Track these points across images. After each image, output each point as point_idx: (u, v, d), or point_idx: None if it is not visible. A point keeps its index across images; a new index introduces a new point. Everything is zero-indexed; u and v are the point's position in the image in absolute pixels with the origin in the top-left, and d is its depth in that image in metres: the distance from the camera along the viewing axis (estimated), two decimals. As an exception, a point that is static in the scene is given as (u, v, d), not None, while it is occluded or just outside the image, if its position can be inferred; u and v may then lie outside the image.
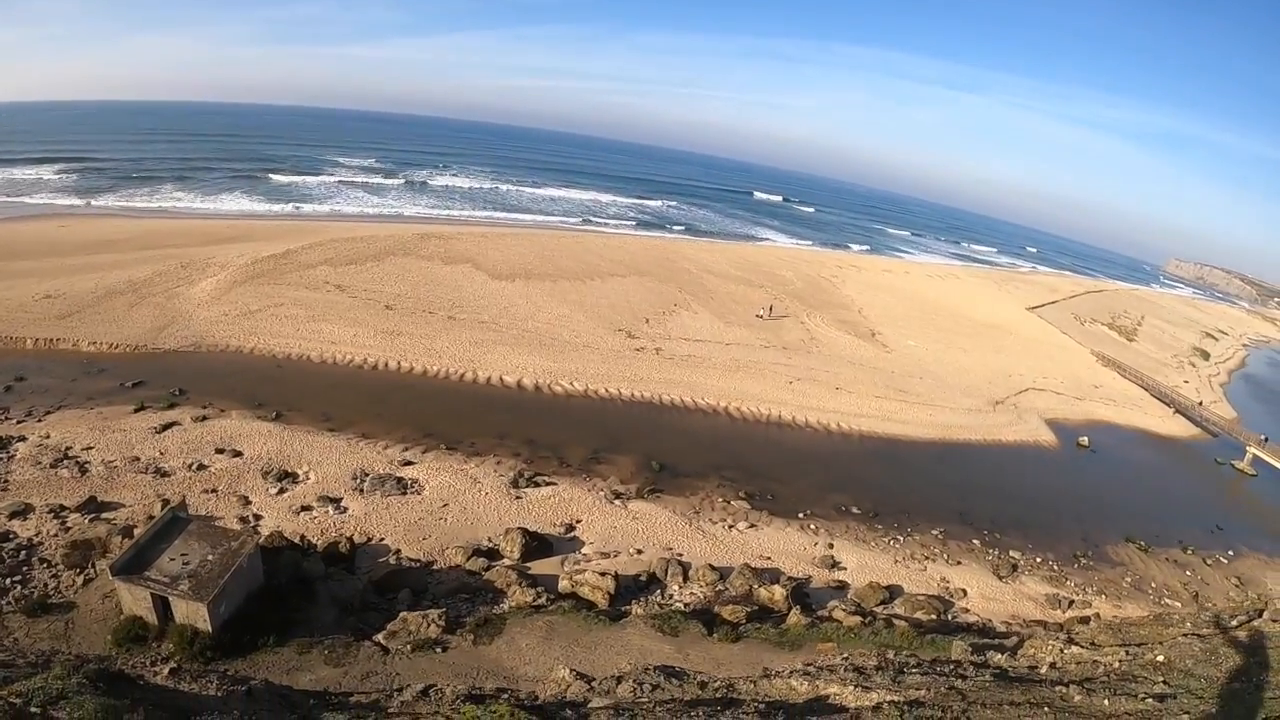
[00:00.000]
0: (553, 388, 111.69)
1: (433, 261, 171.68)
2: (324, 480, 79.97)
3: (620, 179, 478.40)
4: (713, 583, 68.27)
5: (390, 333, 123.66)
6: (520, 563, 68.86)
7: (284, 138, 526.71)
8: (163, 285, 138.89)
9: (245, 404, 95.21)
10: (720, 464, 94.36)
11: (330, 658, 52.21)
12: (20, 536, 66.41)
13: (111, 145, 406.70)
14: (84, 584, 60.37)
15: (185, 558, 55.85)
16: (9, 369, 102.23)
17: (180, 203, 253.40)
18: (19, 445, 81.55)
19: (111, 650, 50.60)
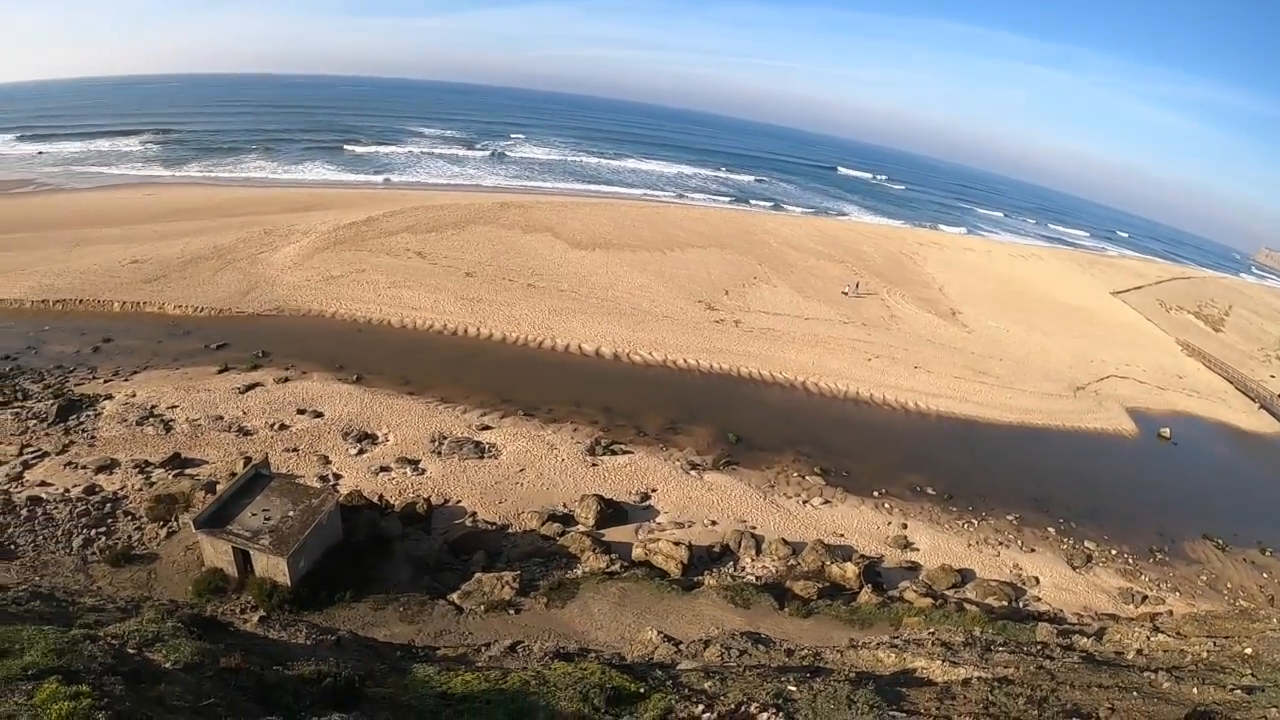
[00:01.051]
0: (631, 357, 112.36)
1: (513, 230, 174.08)
2: (403, 442, 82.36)
3: (700, 151, 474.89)
4: (785, 557, 68.69)
5: (470, 299, 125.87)
6: (595, 529, 70.21)
7: (364, 109, 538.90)
8: (246, 251, 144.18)
9: (326, 366, 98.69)
10: (796, 439, 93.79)
11: (405, 615, 54.08)
12: (106, 490, 70.36)
13: (195, 117, 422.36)
14: (167, 536, 63.82)
15: (267, 513, 58.37)
16: (97, 330, 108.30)
17: (263, 172, 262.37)
18: (106, 403, 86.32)
19: (193, 599, 53.16)
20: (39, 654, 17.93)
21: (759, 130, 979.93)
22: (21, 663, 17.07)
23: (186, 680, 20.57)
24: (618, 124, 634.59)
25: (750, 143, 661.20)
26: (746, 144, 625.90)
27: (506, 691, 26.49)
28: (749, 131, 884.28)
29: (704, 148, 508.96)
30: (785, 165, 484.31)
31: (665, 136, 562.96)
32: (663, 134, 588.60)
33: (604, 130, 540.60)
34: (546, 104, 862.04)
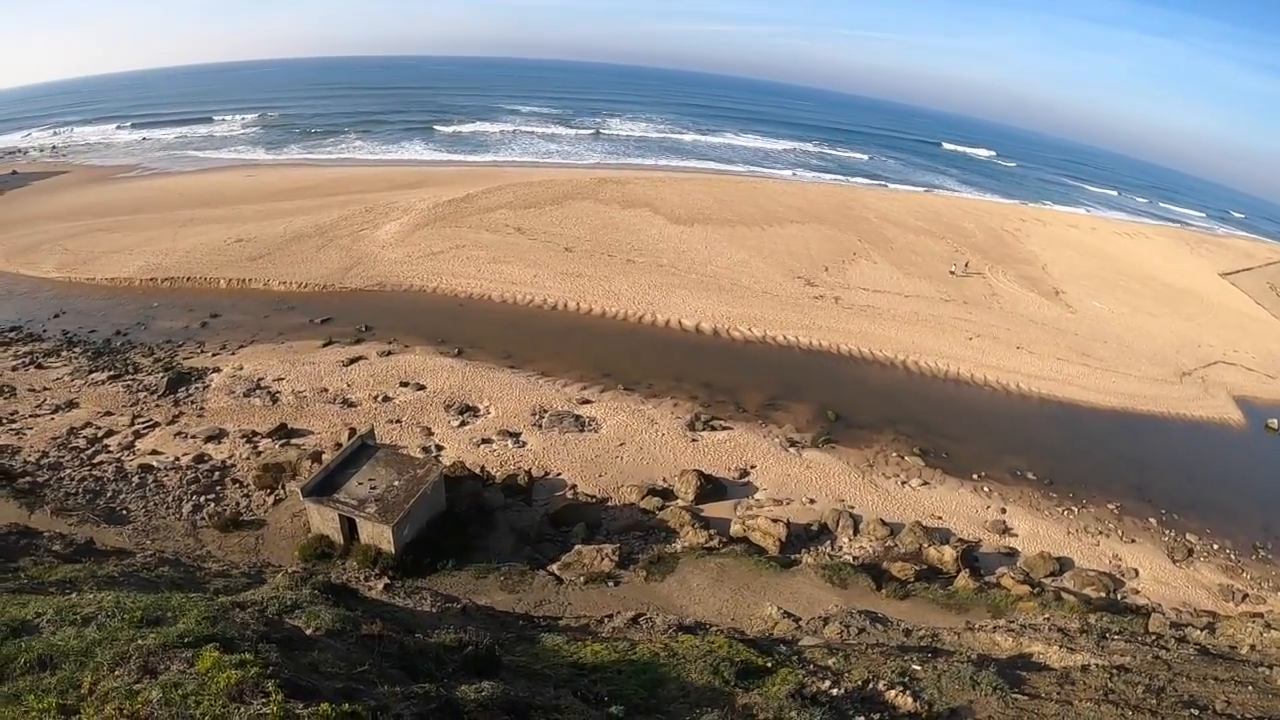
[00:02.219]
0: (731, 332, 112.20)
1: (611, 206, 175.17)
2: (504, 415, 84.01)
3: (797, 125, 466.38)
4: (883, 538, 68.08)
5: (570, 274, 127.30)
6: (694, 504, 70.64)
7: (459, 88, 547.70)
8: (348, 229, 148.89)
9: (428, 340, 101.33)
10: (896, 418, 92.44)
11: (506, 584, 55.66)
12: (215, 459, 74.09)
13: (293, 101, 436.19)
14: (274, 503, 66.96)
15: (373, 483, 60.36)
16: (204, 307, 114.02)
17: (361, 152, 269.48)
18: (214, 376, 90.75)
19: (298, 564, 55.05)
20: (193, 621, 18.47)
21: (856, 103, 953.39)
22: (176, 630, 17.57)
23: (335, 647, 21.16)
24: (712, 99, 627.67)
25: (848, 116, 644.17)
26: (844, 118, 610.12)
27: (637, 662, 27.19)
28: (846, 105, 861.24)
29: (801, 122, 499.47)
30: (885, 139, 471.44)
31: (761, 111, 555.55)
32: (759, 108, 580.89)
33: (699, 105, 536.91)
34: (640, 79, 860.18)
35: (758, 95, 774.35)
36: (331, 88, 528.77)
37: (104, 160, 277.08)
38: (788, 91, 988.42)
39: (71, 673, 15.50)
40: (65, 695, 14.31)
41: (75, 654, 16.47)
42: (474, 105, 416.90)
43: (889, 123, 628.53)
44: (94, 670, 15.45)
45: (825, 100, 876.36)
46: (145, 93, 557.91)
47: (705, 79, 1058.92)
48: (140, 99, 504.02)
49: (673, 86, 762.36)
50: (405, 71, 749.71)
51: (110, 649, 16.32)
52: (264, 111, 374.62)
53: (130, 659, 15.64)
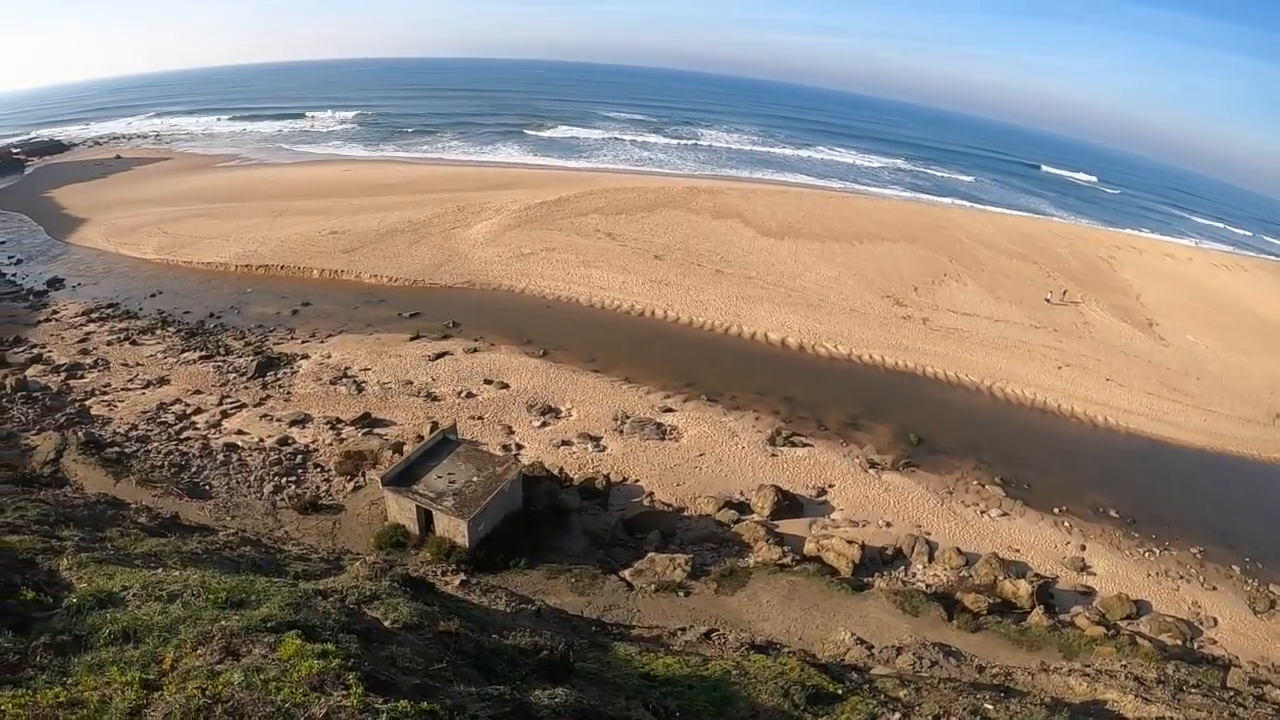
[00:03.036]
0: (816, 348, 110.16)
1: (702, 215, 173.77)
2: (586, 418, 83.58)
3: (890, 141, 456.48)
4: (958, 567, 65.88)
5: (658, 282, 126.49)
6: (769, 520, 69.35)
7: (554, 92, 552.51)
8: (440, 226, 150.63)
9: (514, 340, 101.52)
10: (978, 444, 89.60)
11: (577, 586, 55.37)
12: (298, 442, 75.60)
13: (391, 100, 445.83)
14: (353, 490, 67.75)
15: (452, 477, 60.45)
16: (297, 295, 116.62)
17: (455, 152, 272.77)
18: (302, 362, 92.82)
19: (373, 552, 55.35)
20: (276, 606, 18.52)
21: (951, 119, 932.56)
22: (260, 614, 17.63)
23: (413, 642, 21.06)
24: (806, 111, 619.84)
25: (943, 133, 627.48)
26: (939, 135, 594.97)
27: (708, 679, 26.67)
28: (941, 121, 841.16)
29: (895, 138, 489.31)
30: (981, 159, 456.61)
31: (855, 125, 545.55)
32: (853, 122, 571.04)
33: (793, 118, 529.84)
34: (734, 89, 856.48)
35: (852, 109, 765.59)
36: (427, 88, 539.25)
37: (205, 149, 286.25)
38: (882, 106, 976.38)
39: (154, 648, 15.53)
40: (147, 670, 14.29)
41: (159, 629, 16.53)
42: (567, 110, 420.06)
43: (985, 141, 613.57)
44: (177, 647, 15.44)
45: (920, 116, 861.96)
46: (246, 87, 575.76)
47: (800, 91, 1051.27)
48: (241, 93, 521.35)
49: (767, 97, 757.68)
50: (500, 74, 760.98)
51: (194, 628, 16.38)
52: (361, 109, 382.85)
53: (213, 639, 15.66)
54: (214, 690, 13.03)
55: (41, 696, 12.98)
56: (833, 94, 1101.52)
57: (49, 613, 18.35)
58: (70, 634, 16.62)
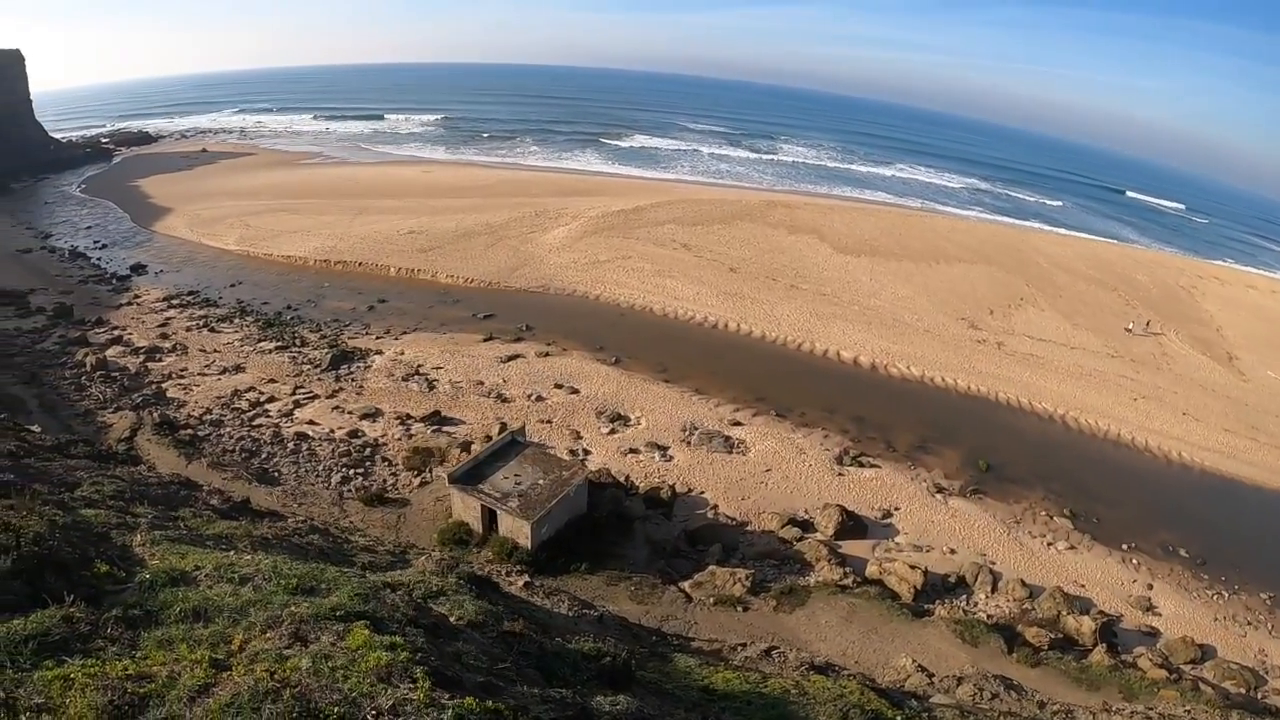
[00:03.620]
0: (888, 369, 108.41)
1: (778, 230, 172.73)
2: (654, 427, 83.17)
3: (969, 160, 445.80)
4: (1021, 599, 64.06)
5: (732, 295, 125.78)
6: (832, 539, 68.20)
7: (631, 102, 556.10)
8: (517, 230, 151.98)
9: (587, 346, 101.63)
10: (1048, 474, 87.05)
11: (635, 594, 55.09)
12: (368, 436, 76.65)
13: (472, 104, 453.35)
14: (419, 485, 68.43)
15: (518, 478, 60.55)
16: (374, 292, 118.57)
17: (534, 158, 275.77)
18: (376, 358, 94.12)
19: (436, 547, 55.69)
20: (346, 596, 18.47)
21: (1031, 139, 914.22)
22: (330, 603, 17.59)
23: (478, 640, 20.86)
24: (885, 128, 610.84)
25: (1023, 154, 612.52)
26: (1019, 155, 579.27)
27: (767, 696, 26.31)
28: (1022, 141, 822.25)
29: (973, 157, 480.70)
30: (1062, 181, 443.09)
31: (932, 143, 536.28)
32: (930, 140, 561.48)
33: (869, 133, 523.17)
34: (811, 103, 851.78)
35: (931, 126, 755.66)
36: (507, 94, 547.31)
37: (288, 146, 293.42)
38: (961, 124, 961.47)
39: (223, 628, 15.53)
40: (216, 649, 14.25)
41: (229, 611, 16.52)
42: (646, 120, 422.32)
43: (1067, 163, 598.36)
44: (246, 629, 15.43)
45: (1000, 135, 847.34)
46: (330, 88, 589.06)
47: (879, 106, 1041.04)
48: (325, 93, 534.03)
49: (845, 112, 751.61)
50: (581, 82, 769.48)
51: (264, 611, 16.37)
52: (442, 113, 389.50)
53: (282, 624, 15.56)
54: (282, 674, 12.89)
55: (110, 668, 12.92)
56: (912, 110, 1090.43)
57: (121, 587, 18.33)
58: (141, 609, 16.64)
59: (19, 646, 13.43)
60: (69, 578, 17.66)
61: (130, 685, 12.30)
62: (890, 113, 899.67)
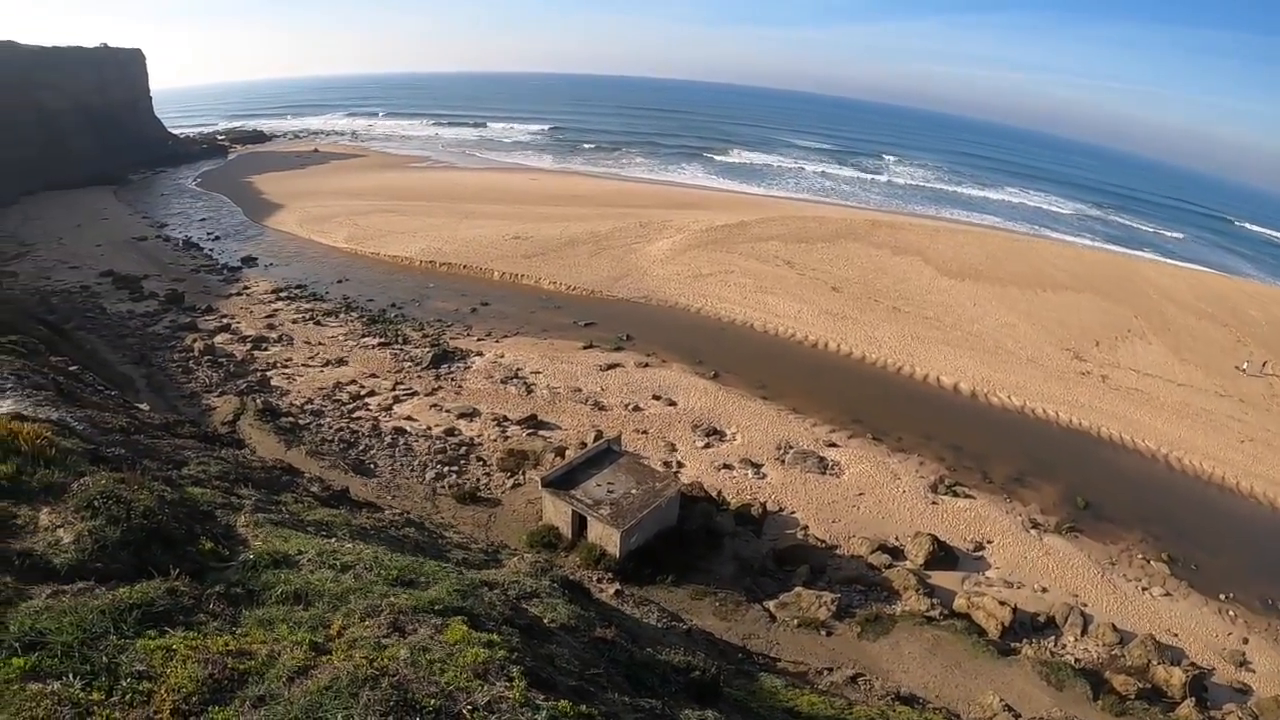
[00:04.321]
0: (989, 397, 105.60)
1: (882, 250, 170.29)
2: (749, 444, 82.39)
3: (1077, 184, 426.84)
4: (1110, 644, 61.54)
5: (833, 314, 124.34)
6: (922, 569, 66.64)
7: (737, 116, 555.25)
8: (621, 240, 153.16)
9: (686, 359, 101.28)
10: (1147, 516, 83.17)
11: (719, 610, 54.56)
12: (464, 435, 77.84)
13: (580, 115, 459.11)
14: (512, 487, 69.13)
15: (611, 486, 60.70)
16: (476, 294, 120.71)
17: (640, 170, 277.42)
18: (476, 359, 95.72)
19: (525, 549, 55.97)
20: (445, 591, 18.57)
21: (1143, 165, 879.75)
22: (429, 596, 17.80)
23: (570, 644, 20.90)
24: (990, 148, 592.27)
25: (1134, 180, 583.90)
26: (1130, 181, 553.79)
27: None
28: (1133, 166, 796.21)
29: (1082, 181, 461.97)
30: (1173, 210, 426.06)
31: (1041, 166, 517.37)
32: (1039, 163, 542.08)
33: (977, 154, 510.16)
34: (918, 122, 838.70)
35: (1040, 149, 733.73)
36: (615, 106, 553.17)
37: (398, 150, 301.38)
38: (1072, 147, 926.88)
39: (322, 613, 15.83)
40: (315, 633, 14.55)
41: (329, 597, 16.83)
42: (752, 135, 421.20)
43: (1179, 191, 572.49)
44: (345, 616, 15.60)
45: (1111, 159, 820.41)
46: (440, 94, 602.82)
47: (987, 127, 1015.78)
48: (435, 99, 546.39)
49: (953, 132, 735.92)
50: (688, 96, 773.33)
51: (364, 600, 16.51)
52: (550, 122, 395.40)
53: (382, 614, 15.65)
54: (381, 663, 12.97)
55: (211, 642, 13.12)
56: (1021, 132, 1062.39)
57: (224, 565, 18.70)
58: (243, 588, 17.04)
59: (123, 615, 13.72)
60: (175, 552, 18.05)
61: (230, 660, 12.47)
62: (1000, 134, 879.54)
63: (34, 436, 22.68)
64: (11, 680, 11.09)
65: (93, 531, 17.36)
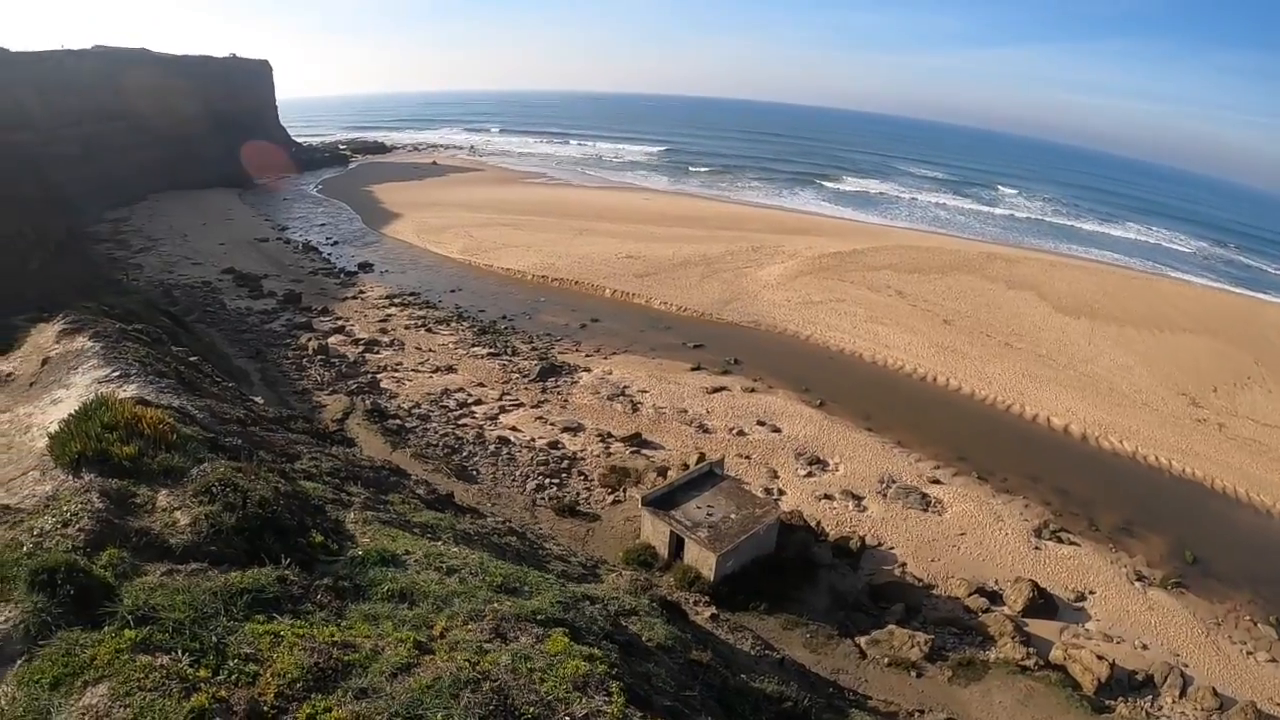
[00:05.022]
0: (1100, 441, 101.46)
1: (996, 284, 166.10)
2: (851, 476, 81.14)
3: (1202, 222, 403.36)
4: (1210, 710, 58.41)
5: (944, 348, 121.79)
6: (1019, 615, 64.31)
7: (852, 143, 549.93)
8: (732, 264, 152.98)
9: (792, 386, 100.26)
10: (1258, 576, 78.27)
11: (810, 643, 53.58)
12: (568, 449, 78.46)
13: (695, 137, 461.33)
14: (611, 503, 69.45)
15: (710, 509, 60.38)
16: (586, 310, 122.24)
17: (754, 194, 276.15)
18: (583, 375, 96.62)
19: (621, 565, 56.01)
20: (547, 602, 18.85)
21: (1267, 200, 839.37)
22: (531, 605, 18.03)
23: (667, 664, 21.23)
24: (1110, 181, 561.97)
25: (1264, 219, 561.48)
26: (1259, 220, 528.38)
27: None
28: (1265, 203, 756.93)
29: (1208, 219, 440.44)
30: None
31: (1165, 202, 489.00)
32: (1161, 198, 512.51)
33: (1096, 188, 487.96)
34: (1036, 152, 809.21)
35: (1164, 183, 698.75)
36: (729, 129, 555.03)
37: (514, 165, 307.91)
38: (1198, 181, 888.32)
39: (426, 613, 16.31)
40: (418, 632, 14.96)
41: (434, 598, 17.37)
42: (865, 162, 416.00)
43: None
44: (448, 618, 16.14)
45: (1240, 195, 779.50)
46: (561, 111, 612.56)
47: (1107, 159, 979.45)
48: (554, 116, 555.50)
49: (1072, 163, 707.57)
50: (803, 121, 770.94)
51: (467, 603, 17.12)
52: (667, 144, 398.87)
53: (484, 619, 16.27)
54: (483, 667, 13.35)
55: (318, 632, 13.69)
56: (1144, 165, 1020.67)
57: (333, 558, 19.45)
58: (350, 582, 17.63)
59: (234, 598, 14.52)
60: (286, 542, 19.03)
61: (336, 651, 13.01)
62: (1122, 166, 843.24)
63: (156, 421, 23.83)
64: (123, 650, 12.01)
65: (209, 516, 18.42)
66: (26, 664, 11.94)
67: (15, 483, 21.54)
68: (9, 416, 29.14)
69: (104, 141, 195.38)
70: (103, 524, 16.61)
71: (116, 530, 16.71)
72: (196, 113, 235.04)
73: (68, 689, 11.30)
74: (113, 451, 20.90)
